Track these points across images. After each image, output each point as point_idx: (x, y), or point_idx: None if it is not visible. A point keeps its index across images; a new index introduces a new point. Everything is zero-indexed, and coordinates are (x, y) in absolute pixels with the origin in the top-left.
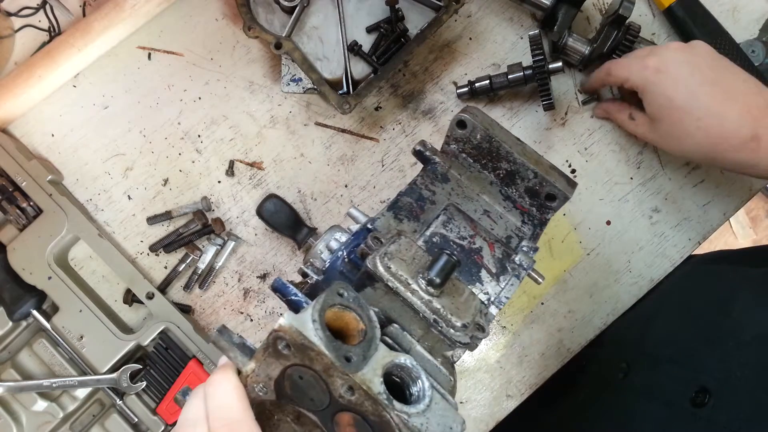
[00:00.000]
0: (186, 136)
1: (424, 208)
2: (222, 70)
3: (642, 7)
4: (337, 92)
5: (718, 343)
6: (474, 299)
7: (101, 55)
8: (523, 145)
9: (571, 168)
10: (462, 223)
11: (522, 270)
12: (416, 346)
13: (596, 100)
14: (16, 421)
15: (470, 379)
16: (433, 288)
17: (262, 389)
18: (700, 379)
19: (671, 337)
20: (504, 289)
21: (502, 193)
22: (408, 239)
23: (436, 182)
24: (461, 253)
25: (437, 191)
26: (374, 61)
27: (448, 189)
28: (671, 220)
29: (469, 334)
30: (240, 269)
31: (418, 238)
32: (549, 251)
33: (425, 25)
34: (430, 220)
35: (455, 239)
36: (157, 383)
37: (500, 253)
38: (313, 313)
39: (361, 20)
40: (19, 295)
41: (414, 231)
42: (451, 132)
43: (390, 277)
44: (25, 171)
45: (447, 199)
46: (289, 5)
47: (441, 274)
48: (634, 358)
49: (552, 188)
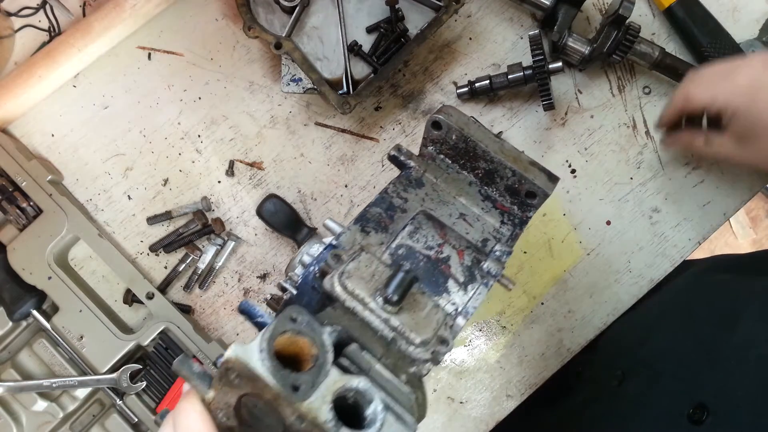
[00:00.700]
0: (186, 136)
1: (394, 217)
2: (222, 70)
3: (642, 7)
4: (337, 92)
5: (719, 359)
6: (437, 312)
7: (101, 55)
8: (502, 142)
9: (571, 168)
10: (430, 232)
11: (490, 278)
12: (376, 366)
13: (675, 130)
14: (16, 421)
15: (470, 379)
16: (391, 305)
17: (225, 416)
18: (699, 395)
19: (670, 350)
20: (471, 299)
21: (482, 193)
22: (369, 255)
23: (409, 188)
24: (428, 263)
25: (410, 198)
26: (374, 61)
27: (422, 194)
28: (671, 220)
29: (430, 350)
30: (240, 269)
31: (384, 252)
32: (549, 251)
33: (425, 25)
34: (398, 230)
35: (422, 250)
36: (157, 383)
37: (470, 261)
38: (261, 342)
39: (361, 20)
40: (19, 295)
41: (381, 243)
42: (427, 133)
43: (347, 296)
44: (25, 171)
45: (420, 205)
46: (289, 5)
47: (397, 291)
48: (629, 367)
49: (531, 185)
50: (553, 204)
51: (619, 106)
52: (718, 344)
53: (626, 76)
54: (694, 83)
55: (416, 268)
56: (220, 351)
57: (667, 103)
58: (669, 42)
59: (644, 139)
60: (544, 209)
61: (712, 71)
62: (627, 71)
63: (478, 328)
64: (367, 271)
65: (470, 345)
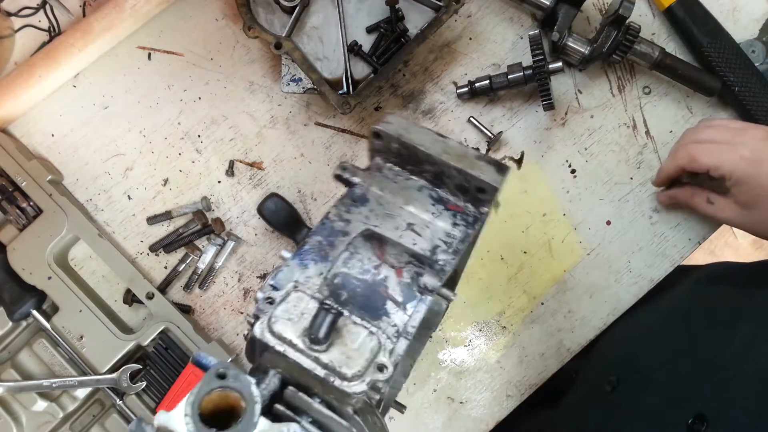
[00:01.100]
0: (186, 136)
1: (335, 243)
2: (222, 70)
3: (642, 7)
4: (337, 92)
5: (717, 369)
6: (371, 341)
7: (101, 55)
8: (446, 141)
9: (571, 168)
10: (367, 254)
11: (427, 293)
12: (314, 405)
13: (672, 186)
14: (16, 421)
15: (470, 379)
16: (318, 344)
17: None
18: (697, 405)
19: (667, 359)
20: (411, 318)
21: (433, 196)
22: (299, 294)
23: (353, 208)
24: (365, 289)
25: (353, 218)
26: (374, 61)
27: (366, 212)
28: (671, 220)
29: (365, 380)
30: (240, 269)
31: (322, 285)
32: (549, 251)
33: (425, 25)
34: (336, 257)
35: (357, 275)
36: (157, 383)
37: (409, 277)
38: (186, 407)
39: (361, 20)
40: (19, 295)
41: (321, 274)
42: (372, 144)
43: (276, 341)
44: (25, 171)
45: (364, 224)
46: (289, 5)
47: (320, 330)
48: (624, 374)
49: (478, 181)
50: (553, 204)
51: (619, 106)
52: (717, 354)
53: (626, 76)
54: (700, 147)
55: (352, 297)
56: (221, 351)
57: (667, 161)
58: (669, 42)
59: (644, 139)
60: (544, 209)
61: (716, 136)
62: (627, 71)
63: (478, 329)
64: (296, 312)
65: (470, 345)
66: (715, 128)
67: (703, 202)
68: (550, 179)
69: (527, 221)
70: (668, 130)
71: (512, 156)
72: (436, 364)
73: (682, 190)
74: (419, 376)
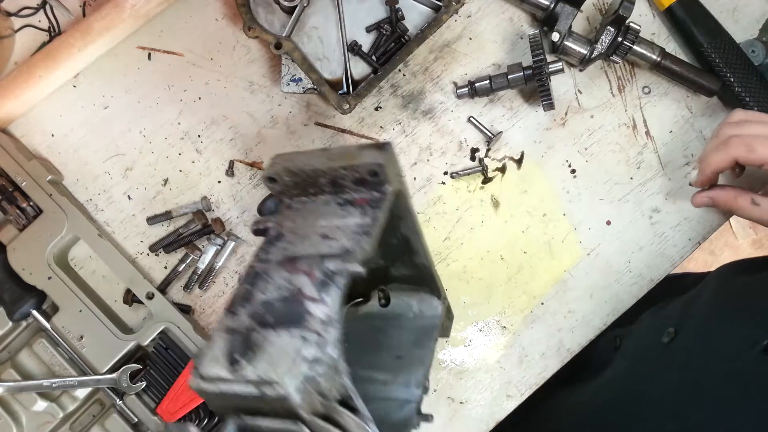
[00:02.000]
0: (186, 136)
1: (257, 284)
2: (222, 70)
3: (642, 7)
4: (337, 92)
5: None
6: (293, 342)
7: (101, 55)
8: (327, 150)
9: (571, 168)
10: (279, 275)
11: (335, 275)
12: (265, 424)
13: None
14: (16, 421)
15: (470, 379)
16: (238, 364)
17: None
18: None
19: (730, 297)
20: (330, 306)
21: (339, 203)
22: (218, 333)
23: (271, 248)
24: (285, 304)
25: (272, 257)
26: (374, 61)
27: (283, 245)
28: (671, 220)
29: (296, 377)
30: (240, 269)
31: (250, 323)
32: (549, 251)
33: (425, 25)
34: (257, 296)
35: (275, 298)
36: (157, 383)
37: (321, 273)
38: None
39: (361, 20)
40: (19, 295)
41: (250, 316)
42: (271, 190)
43: (207, 385)
44: (25, 171)
45: (282, 256)
46: (289, 5)
47: (236, 351)
48: (681, 322)
49: (363, 167)
50: (553, 204)
51: (619, 106)
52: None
53: (626, 76)
54: (756, 139)
55: (276, 315)
56: None
57: (714, 156)
58: (669, 42)
59: (644, 139)
60: (544, 209)
61: (757, 129)
62: (627, 71)
63: (477, 328)
64: (220, 351)
65: (470, 345)
66: (765, 123)
67: (747, 204)
68: (550, 179)
69: (527, 221)
70: (668, 130)
71: (512, 156)
72: (436, 364)
73: (724, 192)
74: None
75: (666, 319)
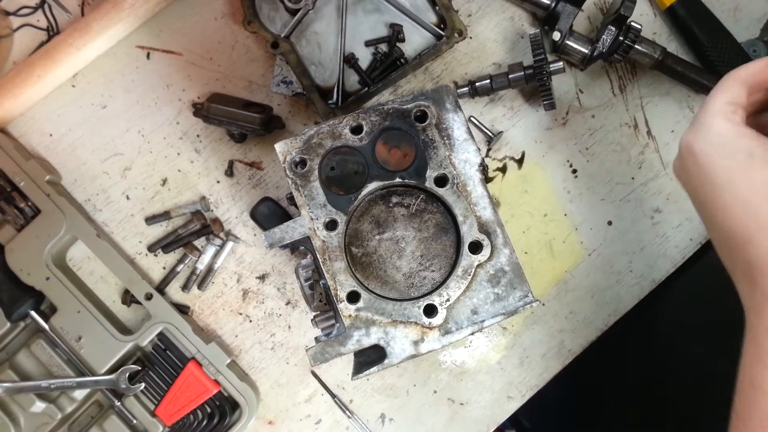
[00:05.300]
0: (185, 136)
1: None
2: (221, 69)
3: (643, 6)
4: (326, 101)
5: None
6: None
7: (100, 54)
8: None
9: (573, 168)
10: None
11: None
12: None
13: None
14: (14, 423)
15: (471, 380)
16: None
17: None
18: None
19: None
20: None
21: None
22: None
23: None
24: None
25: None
26: (368, 77)
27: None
28: (673, 220)
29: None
30: (239, 270)
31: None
32: (550, 252)
33: (424, 51)
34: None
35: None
36: (155, 384)
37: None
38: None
39: (362, 34)
40: (17, 295)
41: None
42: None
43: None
44: (23, 171)
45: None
46: (293, 7)
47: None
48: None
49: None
50: (554, 204)
51: (620, 106)
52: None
53: (627, 75)
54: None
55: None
56: (219, 352)
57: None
58: (670, 41)
59: (645, 138)
60: (545, 209)
61: None
62: (628, 71)
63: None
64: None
65: (471, 346)
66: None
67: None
68: (551, 179)
69: (528, 221)
70: (670, 130)
71: (513, 156)
72: (437, 365)
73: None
74: (419, 377)
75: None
